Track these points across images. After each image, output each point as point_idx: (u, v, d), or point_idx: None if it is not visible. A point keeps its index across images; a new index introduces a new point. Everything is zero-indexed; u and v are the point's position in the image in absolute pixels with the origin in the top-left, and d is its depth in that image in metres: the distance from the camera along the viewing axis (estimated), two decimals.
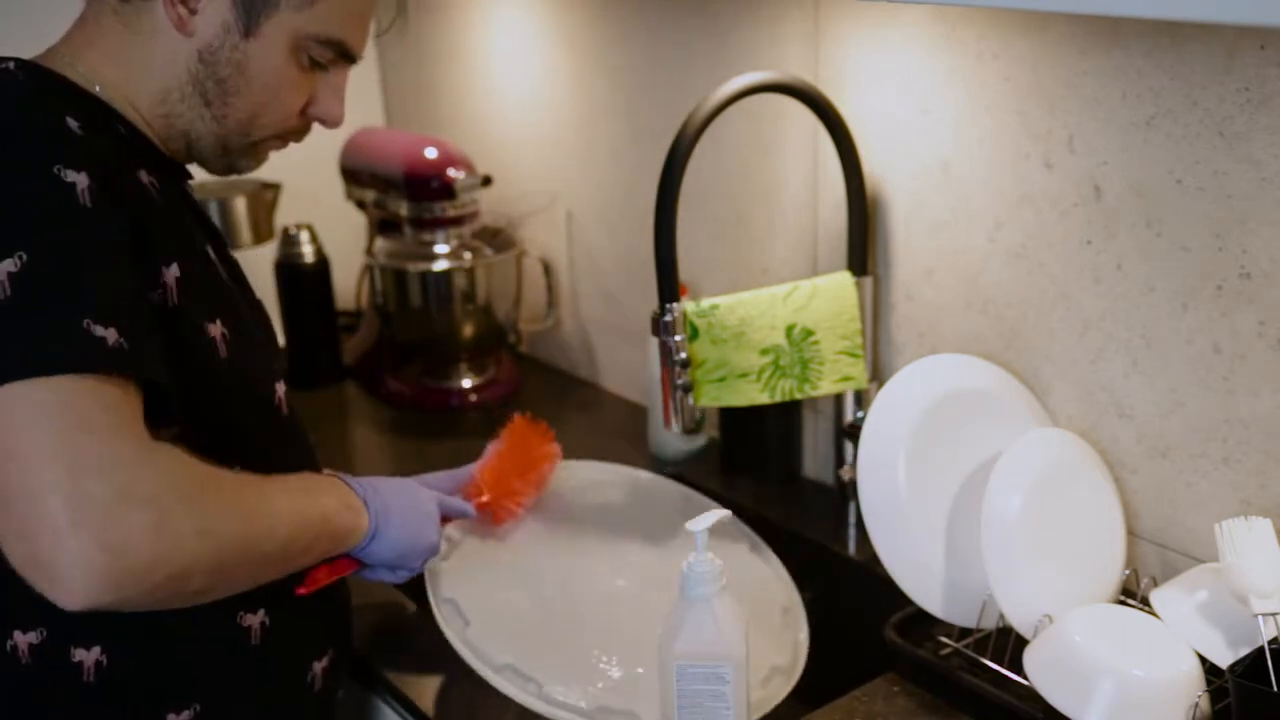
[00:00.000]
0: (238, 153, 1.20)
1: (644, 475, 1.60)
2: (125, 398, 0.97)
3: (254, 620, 1.15)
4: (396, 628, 1.43)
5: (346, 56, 1.18)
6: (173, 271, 1.07)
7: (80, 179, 1.00)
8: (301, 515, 1.11)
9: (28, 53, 1.15)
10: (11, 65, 1.10)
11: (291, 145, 1.23)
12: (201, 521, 0.98)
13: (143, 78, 1.14)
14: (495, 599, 1.32)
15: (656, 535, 1.47)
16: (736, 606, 1.12)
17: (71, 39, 1.16)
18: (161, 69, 1.14)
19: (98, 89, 1.13)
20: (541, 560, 1.42)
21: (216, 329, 1.11)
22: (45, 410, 0.93)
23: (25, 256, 0.96)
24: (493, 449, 1.45)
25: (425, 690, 1.30)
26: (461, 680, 1.29)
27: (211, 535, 0.98)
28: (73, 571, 0.91)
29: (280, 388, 1.21)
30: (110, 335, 0.96)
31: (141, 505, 0.93)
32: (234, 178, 1.32)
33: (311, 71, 1.17)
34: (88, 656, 1.09)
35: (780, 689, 1.30)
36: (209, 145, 1.18)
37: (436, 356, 2.05)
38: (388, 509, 1.22)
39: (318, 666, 1.20)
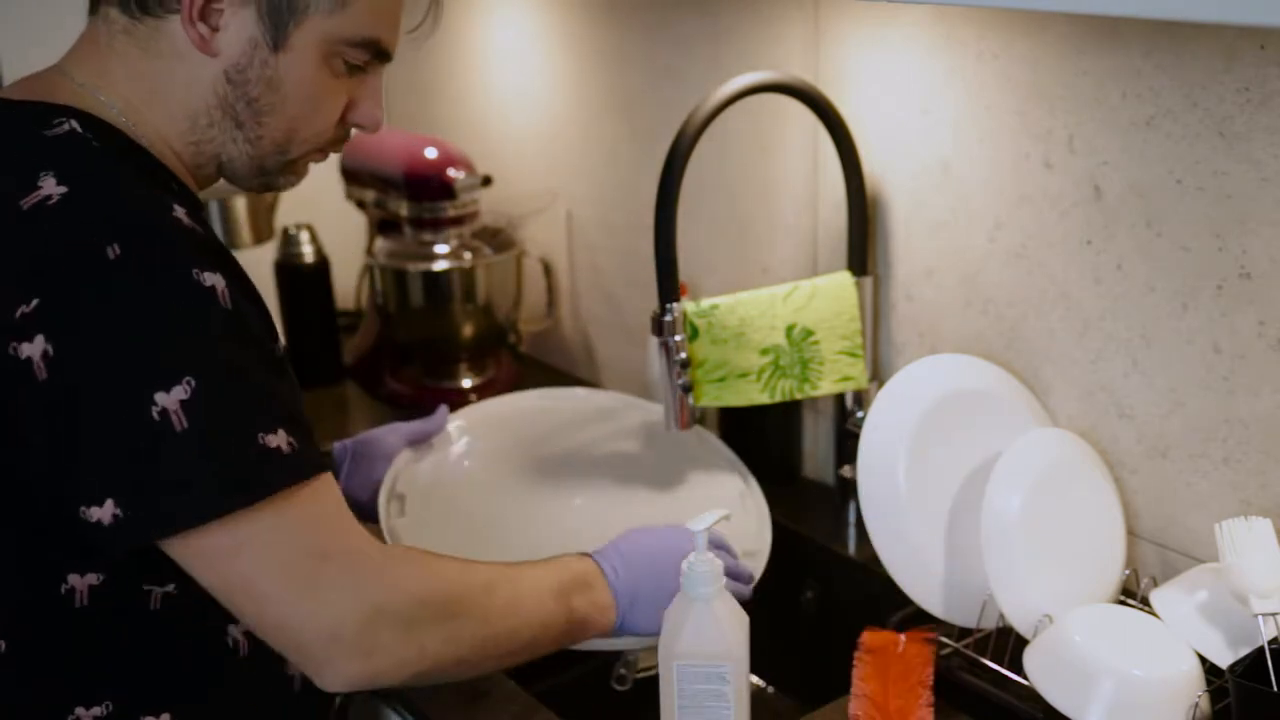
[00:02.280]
0: (275, 172, 1.13)
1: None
2: (328, 493, 1.01)
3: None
4: None
5: (382, 56, 1.11)
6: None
7: (217, 280, 0.97)
8: (548, 618, 1.12)
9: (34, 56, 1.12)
10: (76, 126, 1.02)
11: None
12: (448, 632, 1.04)
13: (167, 104, 1.07)
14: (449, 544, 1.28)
15: (632, 459, 1.49)
16: (737, 606, 1.12)
17: (84, 61, 1.08)
18: (185, 94, 1.07)
19: (124, 120, 1.06)
20: (501, 499, 1.43)
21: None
22: (266, 543, 0.97)
23: (194, 382, 0.94)
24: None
25: (425, 690, 1.30)
26: (459, 681, 1.29)
27: (456, 643, 1.05)
28: (328, 674, 1.00)
29: None
30: (284, 441, 0.98)
31: (391, 625, 1.00)
32: None
33: (347, 77, 1.11)
34: None
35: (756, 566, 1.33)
36: (244, 168, 1.11)
37: (436, 356, 2.05)
38: (634, 596, 1.18)
39: None
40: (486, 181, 1.99)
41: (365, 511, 1.38)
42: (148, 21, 1.05)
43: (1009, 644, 1.23)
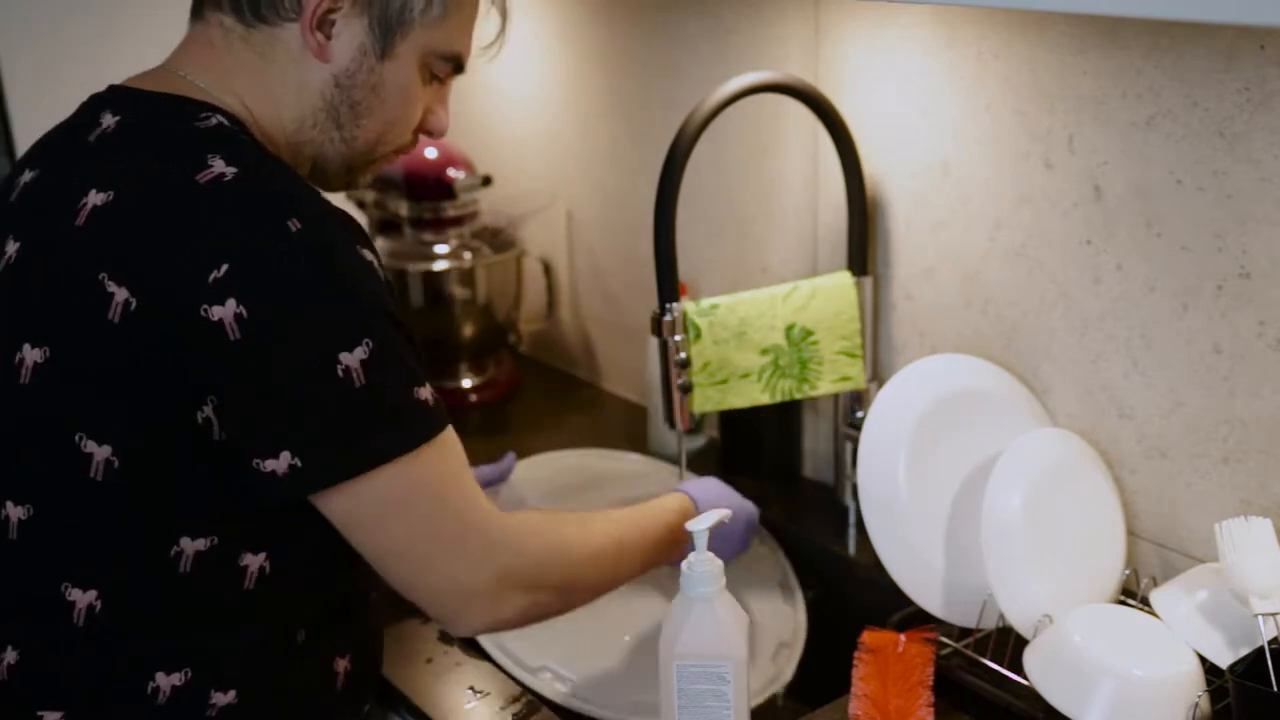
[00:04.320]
0: (359, 170, 1.21)
1: (649, 463, 1.61)
2: (457, 444, 1.11)
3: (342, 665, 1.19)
4: (413, 645, 1.41)
5: (459, 68, 1.21)
6: None
7: (372, 256, 1.07)
8: (638, 571, 1.27)
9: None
10: (223, 120, 1.09)
11: None
12: (561, 591, 1.17)
13: (278, 106, 1.14)
14: None
15: None
16: (737, 606, 1.12)
17: (201, 64, 1.14)
18: (296, 96, 1.13)
19: (249, 122, 1.13)
20: None
21: None
22: (421, 496, 1.07)
23: (371, 344, 1.03)
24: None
25: (425, 690, 1.30)
26: (459, 681, 1.29)
27: (567, 599, 1.19)
28: (459, 624, 1.14)
29: None
30: (429, 394, 1.08)
31: (518, 586, 1.13)
32: None
33: (430, 85, 1.19)
34: (223, 698, 1.10)
35: (788, 663, 1.34)
36: (335, 166, 1.18)
37: (436, 356, 2.05)
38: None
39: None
40: (486, 181, 1.99)
41: None
42: (263, 29, 1.12)
43: (1009, 644, 1.23)
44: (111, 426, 1.04)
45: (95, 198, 1.04)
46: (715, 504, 1.30)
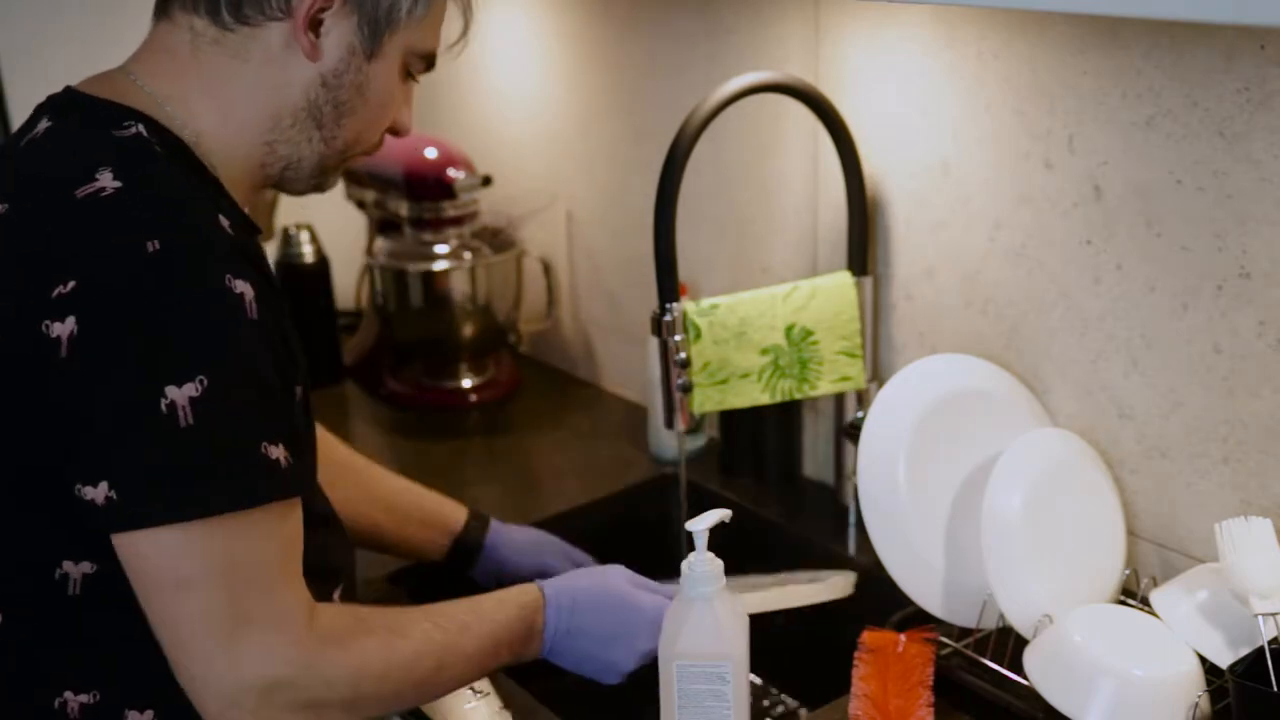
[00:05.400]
0: (329, 172, 1.18)
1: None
2: (292, 520, 1.02)
3: None
4: None
5: (431, 66, 1.19)
6: (288, 352, 1.09)
7: (246, 289, 1.00)
8: (468, 676, 1.14)
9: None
10: (142, 130, 1.05)
11: None
12: (359, 709, 1.05)
13: (248, 107, 1.10)
14: None
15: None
16: (737, 606, 1.12)
17: (156, 70, 1.11)
18: (274, 96, 1.10)
19: (188, 132, 1.09)
20: None
21: (299, 393, 1.12)
22: (221, 557, 0.98)
23: (206, 381, 0.96)
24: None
25: (441, 707, 1.30)
26: (474, 695, 1.29)
27: (368, 709, 1.06)
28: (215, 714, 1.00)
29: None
30: (281, 455, 1.00)
31: (293, 705, 1.00)
32: None
33: (405, 84, 1.18)
34: (139, 717, 1.07)
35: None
36: (309, 168, 1.15)
37: (436, 356, 2.05)
38: (570, 635, 1.18)
39: None
40: (486, 181, 1.99)
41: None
42: (242, 30, 1.09)
43: (1009, 644, 1.23)
44: None
45: None
46: (576, 600, 1.18)
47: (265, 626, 0.99)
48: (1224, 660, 1.12)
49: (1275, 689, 1.05)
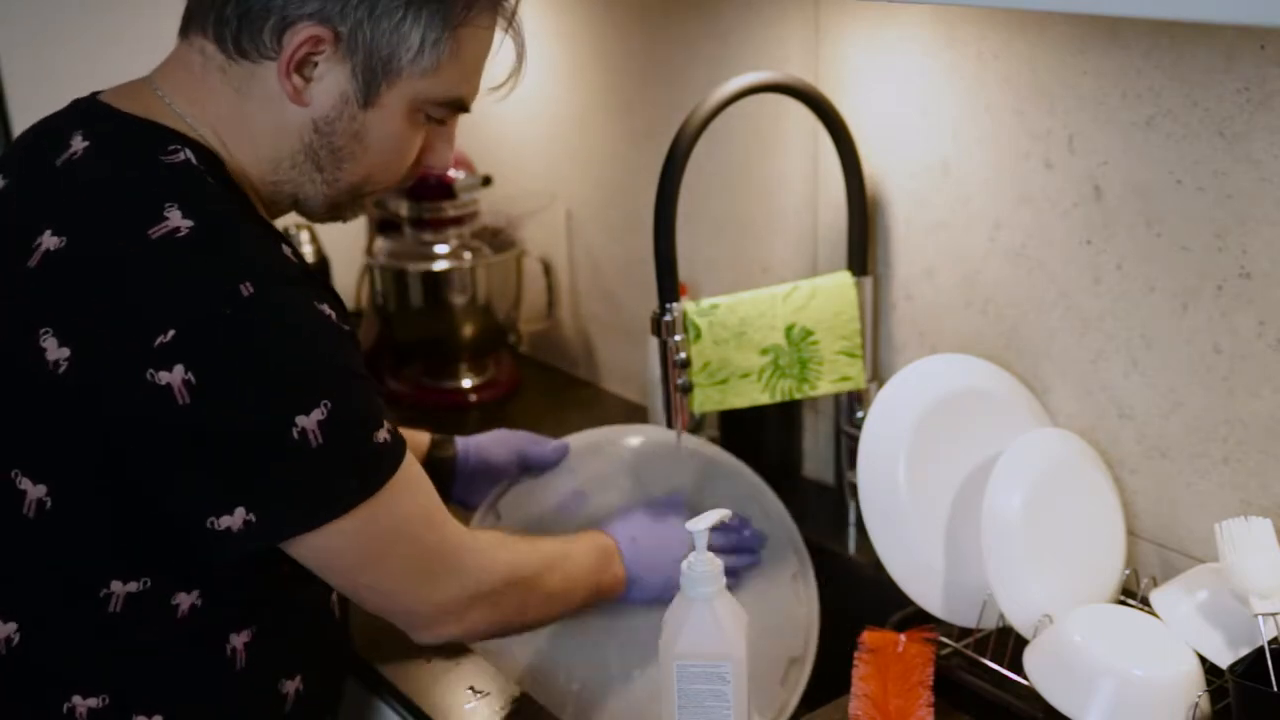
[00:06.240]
0: (345, 207, 1.18)
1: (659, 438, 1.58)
2: (413, 470, 1.11)
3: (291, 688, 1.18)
4: (413, 645, 1.40)
5: (463, 110, 1.17)
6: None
7: (328, 309, 1.05)
8: (585, 593, 1.30)
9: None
10: (190, 157, 1.06)
11: None
12: (521, 605, 1.23)
13: (254, 144, 1.10)
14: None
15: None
16: (736, 606, 1.12)
17: (179, 86, 1.10)
18: (272, 137, 1.10)
19: (225, 158, 1.10)
20: None
21: None
22: (383, 527, 1.08)
23: (329, 404, 1.02)
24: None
25: (425, 690, 1.30)
26: (459, 681, 1.29)
27: (524, 613, 1.24)
28: (428, 637, 1.18)
29: None
30: (386, 433, 1.08)
31: (484, 602, 1.18)
32: None
33: (426, 125, 1.15)
34: None
35: (798, 681, 1.34)
36: (317, 204, 1.16)
37: (436, 356, 2.05)
38: (639, 577, 1.35)
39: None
40: (486, 181, 1.99)
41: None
42: (243, 64, 1.08)
43: (1009, 644, 1.23)
44: (45, 469, 1.03)
45: (50, 240, 1.02)
46: (643, 552, 1.36)
47: (448, 551, 1.15)
48: (1224, 660, 1.12)
49: (1275, 689, 1.05)
